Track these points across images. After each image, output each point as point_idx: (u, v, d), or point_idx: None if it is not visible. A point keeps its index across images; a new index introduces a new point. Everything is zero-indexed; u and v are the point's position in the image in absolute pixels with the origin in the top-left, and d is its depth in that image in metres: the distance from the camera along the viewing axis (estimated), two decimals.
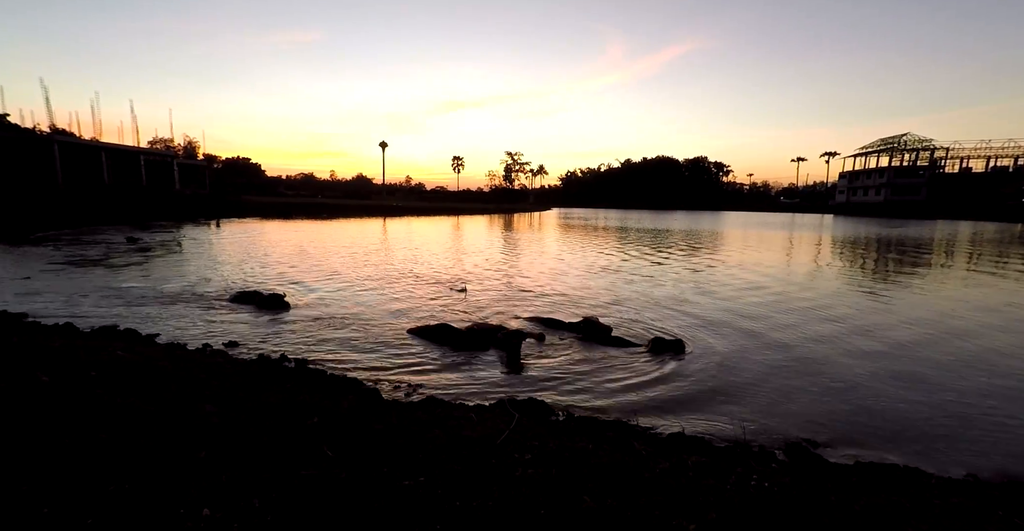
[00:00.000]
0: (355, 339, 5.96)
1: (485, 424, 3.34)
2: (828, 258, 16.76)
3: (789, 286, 10.57)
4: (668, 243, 21.28)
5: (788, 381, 4.89)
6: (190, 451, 2.29)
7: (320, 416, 3.11)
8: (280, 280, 9.78)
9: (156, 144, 68.24)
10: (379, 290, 9.11)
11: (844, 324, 7.24)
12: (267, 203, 44.06)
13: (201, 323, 6.47)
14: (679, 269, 13.04)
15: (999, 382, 4.98)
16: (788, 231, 32.30)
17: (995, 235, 29.77)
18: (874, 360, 5.63)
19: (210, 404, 2.96)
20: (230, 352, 5.33)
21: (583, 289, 9.71)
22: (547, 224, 38.30)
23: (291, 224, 28.82)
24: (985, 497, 2.47)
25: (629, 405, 4.25)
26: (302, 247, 16.29)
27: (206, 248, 15.28)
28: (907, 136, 77.44)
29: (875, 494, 2.44)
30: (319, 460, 2.41)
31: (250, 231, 22.89)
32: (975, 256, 17.75)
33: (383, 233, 24.81)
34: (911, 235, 28.62)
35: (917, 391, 4.73)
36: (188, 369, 3.87)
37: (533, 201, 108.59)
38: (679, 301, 8.65)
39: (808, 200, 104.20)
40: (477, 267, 12.74)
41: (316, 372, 4.70)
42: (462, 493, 2.16)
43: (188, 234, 19.67)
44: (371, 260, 13.44)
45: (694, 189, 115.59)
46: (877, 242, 23.63)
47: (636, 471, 2.56)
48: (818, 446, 3.59)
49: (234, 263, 12.09)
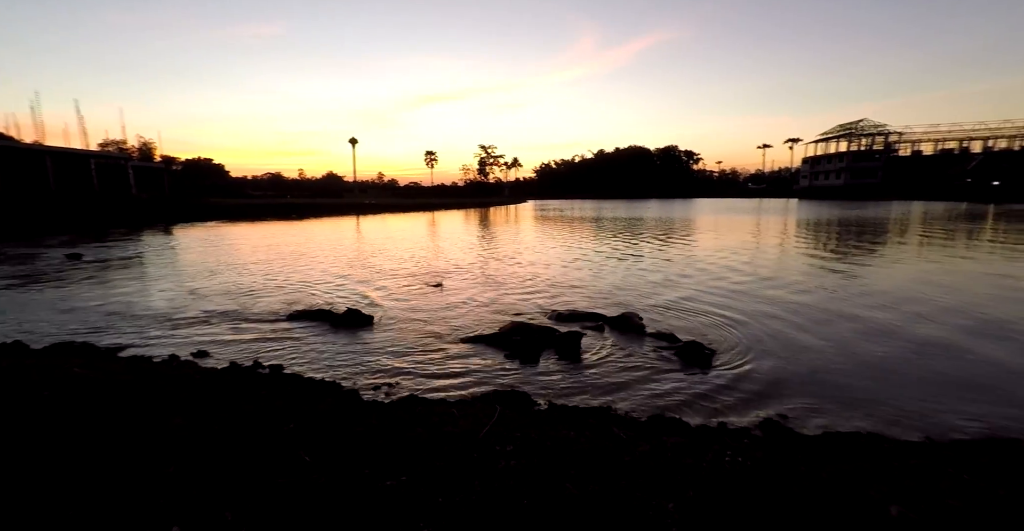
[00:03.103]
0: (329, 341, 5.85)
1: (467, 419, 3.34)
2: (795, 240, 17.39)
3: (760, 268, 10.91)
4: (641, 232, 21.62)
5: (763, 360, 5.06)
6: (158, 466, 2.21)
7: (297, 421, 3.04)
8: (241, 286, 9.48)
9: (107, 147, 64.85)
10: (349, 289, 8.95)
11: (812, 298, 7.54)
12: (233, 205, 42.43)
13: (166, 335, 6.21)
14: (655, 257, 13.28)
15: (955, 351, 5.28)
16: (757, 216, 33.30)
17: (943, 213, 31.51)
18: (840, 332, 5.89)
19: (179, 416, 2.86)
20: (199, 362, 5.15)
21: (559, 280, 9.78)
22: (523, 216, 38.34)
23: (259, 226, 27.93)
24: (938, 457, 2.63)
25: (610, 391, 4.32)
26: (267, 249, 15.83)
27: (165, 257, 14.67)
28: (863, 122, 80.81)
29: (841, 461, 2.56)
30: (296, 467, 2.37)
31: (214, 236, 22.08)
32: (927, 233, 18.76)
33: (356, 231, 24.34)
34: (869, 216, 29.96)
35: (880, 360, 4.98)
36: (154, 382, 3.72)
37: (508, 194, 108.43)
38: (657, 289, 8.82)
39: (774, 186, 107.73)
40: (453, 261, 12.67)
41: (292, 377, 4.60)
42: (445, 489, 2.16)
43: (145, 242, 18.81)
44: (343, 258, 13.18)
45: (666, 178, 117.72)
46: (839, 224, 24.62)
47: (617, 455, 2.61)
48: (789, 419, 3.74)
49: (196, 271, 11.66)
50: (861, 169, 77.46)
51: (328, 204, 50.71)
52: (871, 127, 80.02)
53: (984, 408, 3.89)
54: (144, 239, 19.75)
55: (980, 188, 59.78)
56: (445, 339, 5.89)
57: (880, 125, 79.66)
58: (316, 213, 41.39)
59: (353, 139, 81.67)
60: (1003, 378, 4.52)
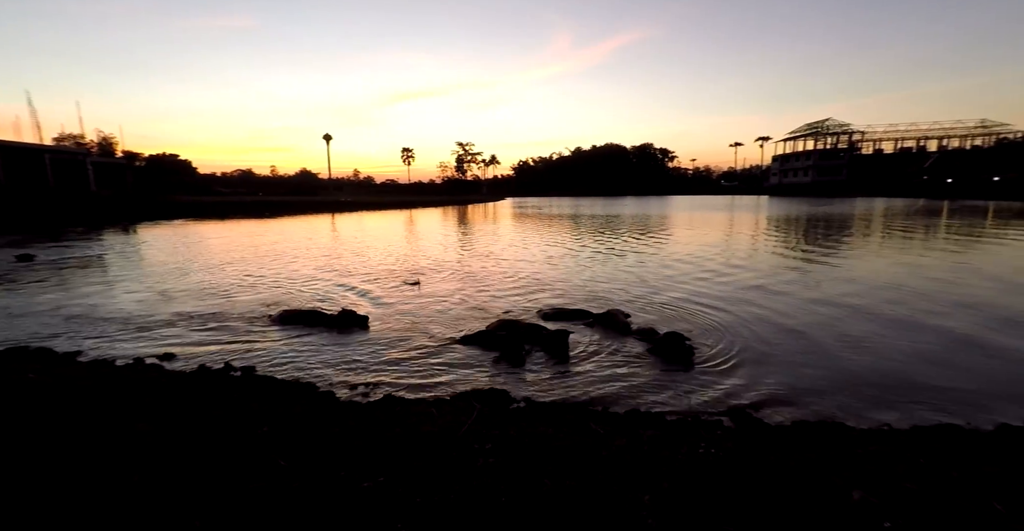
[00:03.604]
0: (305, 342, 5.73)
1: (446, 418, 3.33)
2: (768, 236, 17.92)
3: (736, 263, 11.20)
4: (620, 229, 21.89)
5: (739, 352, 5.19)
6: (121, 475, 2.13)
7: (271, 425, 2.98)
8: (210, 286, 9.19)
9: (64, 141, 61.68)
10: (325, 288, 8.78)
11: (785, 291, 7.79)
12: (200, 203, 40.95)
13: (131, 338, 5.96)
14: (636, 253, 13.47)
15: (914, 338, 5.55)
16: (731, 213, 34.16)
17: (903, 210, 33.01)
18: (810, 324, 6.11)
19: (143, 422, 2.76)
20: (166, 365, 4.97)
21: (542, 277, 9.82)
22: (501, 214, 38.30)
23: (230, 225, 27.07)
24: (897, 442, 2.76)
25: (590, 387, 4.37)
26: (239, 249, 15.38)
27: (129, 257, 14.08)
28: (829, 121, 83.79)
29: (807, 450, 2.66)
30: (270, 471, 2.32)
31: (181, 234, 21.30)
32: (889, 228, 19.61)
33: (332, 229, 23.87)
34: (836, 212, 31.13)
35: (847, 350, 5.19)
36: (117, 387, 3.57)
37: (486, 192, 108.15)
38: (639, 285, 8.95)
39: (746, 183, 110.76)
40: (432, 259, 12.56)
41: (265, 379, 4.49)
42: (423, 489, 2.15)
43: (106, 241, 17.99)
44: (319, 257, 12.91)
45: (642, 175, 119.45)
46: (810, 220, 25.48)
47: (595, 450, 2.65)
48: (759, 409, 3.86)
49: (162, 271, 11.23)
50: (827, 167, 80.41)
51: (302, 202, 49.50)
52: (836, 126, 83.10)
53: (939, 394, 4.10)
54: (105, 238, 18.87)
55: (936, 185, 62.90)
56: (427, 338, 5.84)
57: (844, 124, 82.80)
58: (289, 211, 40.35)
59: (327, 135, 79.95)
60: (958, 364, 4.77)
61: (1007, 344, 5.36)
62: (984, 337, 5.61)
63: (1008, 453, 2.67)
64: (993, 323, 6.14)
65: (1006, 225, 20.02)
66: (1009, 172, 58.78)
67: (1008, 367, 4.73)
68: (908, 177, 70.96)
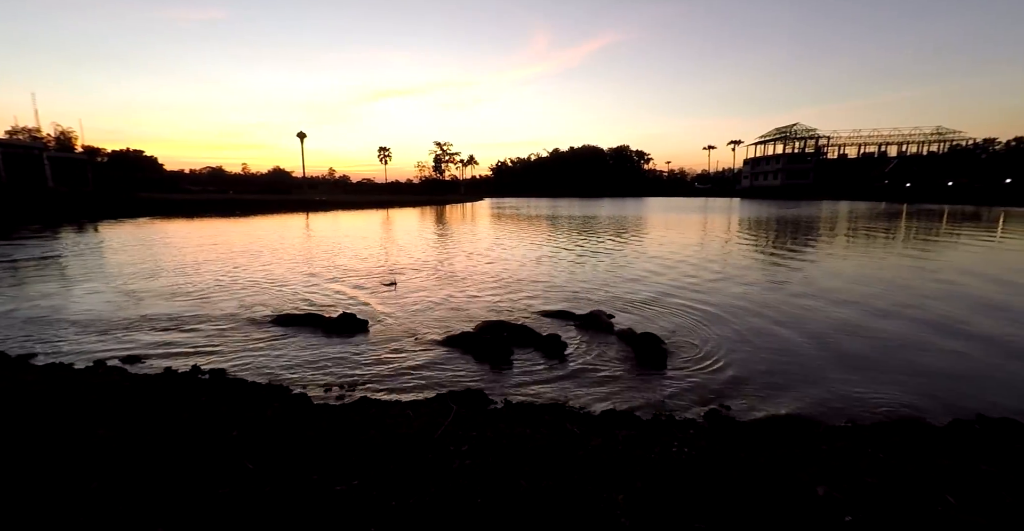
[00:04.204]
0: (279, 344, 5.58)
1: (422, 419, 3.30)
2: (742, 238, 18.42)
3: (711, 263, 11.46)
4: (598, 230, 22.13)
5: (714, 351, 5.31)
6: (79, 483, 2.03)
7: (241, 428, 2.89)
8: (176, 287, 8.86)
9: (17, 134, 58.45)
10: (300, 289, 8.58)
11: (758, 291, 8.02)
12: (167, 201, 39.40)
13: (90, 342, 5.70)
14: (614, 254, 13.63)
15: (877, 336, 5.79)
16: (704, 214, 34.97)
17: (866, 212, 34.48)
18: (783, 322, 6.31)
19: (103, 428, 2.64)
20: (129, 368, 4.77)
21: (524, 278, 9.83)
22: (480, 214, 38.19)
23: (199, 223, 26.15)
24: (860, 439, 2.88)
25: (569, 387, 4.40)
26: (207, 248, 14.88)
27: (88, 256, 13.44)
28: (797, 126, 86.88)
29: (776, 447, 2.75)
30: (239, 475, 2.25)
31: (146, 233, 20.48)
32: (854, 229, 20.46)
33: (307, 229, 23.34)
34: (804, 215, 32.27)
35: (817, 348, 5.39)
36: (75, 391, 3.40)
37: (464, 192, 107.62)
38: (620, 285, 9.06)
39: (719, 185, 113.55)
40: (409, 260, 12.43)
41: (236, 382, 4.35)
42: (398, 492, 2.12)
43: (64, 240, 17.13)
44: (293, 257, 12.61)
45: (619, 177, 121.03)
46: (780, 222, 26.31)
47: (571, 451, 2.67)
48: (731, 408, 3.96)
49: (122, 272, 10.77)
50: (795, 170, 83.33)
51: (275, 200, 48.22)
52: (803, 131, 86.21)
53: (899, 390, 4.30)
54: (62, 237, 17.97)
55: (896, 189, 65.88)
56: (404, 339, 5.77)
57: (811, 129, 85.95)
58: (262, 210, 39.27)
59: (301, 133, 78.19)
60: (919, 361, 5.01)
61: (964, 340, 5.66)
62: (941, 336, 5.91)
63: (959, 447, 2.82)
64: (947, 324, 6.47)
65: (958, 228, 21.13)
66: (961, 177, 62.14)
67: (964, 363, 4.99)
68: (871, 181, 74.13)
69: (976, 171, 64.83)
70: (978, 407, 3.87)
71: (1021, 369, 4.85)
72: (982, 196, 49.08)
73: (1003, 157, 71.63)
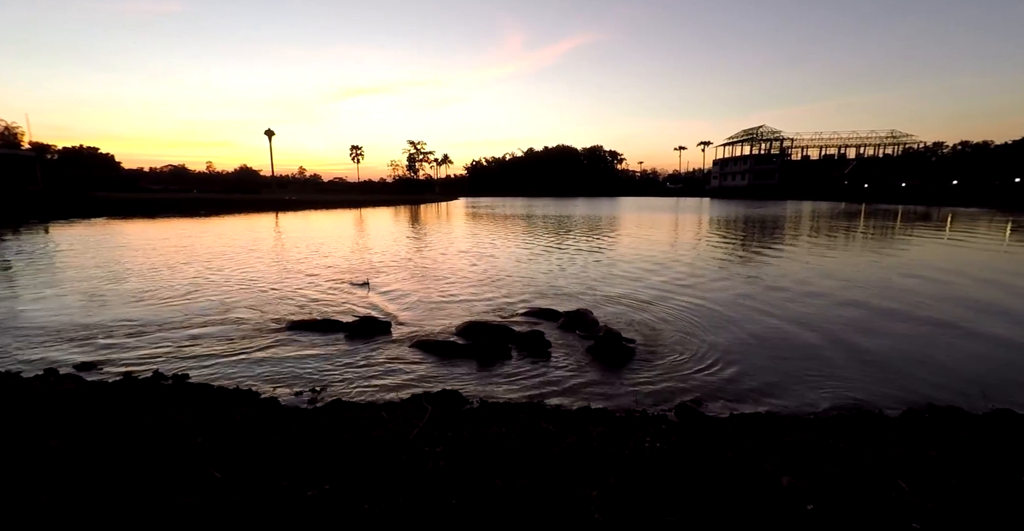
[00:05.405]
0: (247, 347, 5.41)
1: (397, 421, 3.26)
2: (711, 236, 18.94)
3: (683, 261, 11.73)
4: (573, 229, 22.33)
5: (689, 347, 5.43)
6: (28, 497, 1.92)
7: (206, 435, 2.79)
8: (134, 291, 8.49)
9: None
10: (260, 290, 8.34)
11: (729, 288, 8.26)
12: (126, 200, 37.48)
13: (36, 349, 5.38)
14: (592, 253, 13.77)
15: (842, 333, 6.05)
16: (676, 214, 35.81)
17: (827, 212, 36.04)
18: (754, 318, 6.51)
19: (56, 439, 2.50)
20: (85, 376, 4.52)
21: (507, 277, 9.82)
22: (454, 214, 37.98)
23: (160, 224, 25.03)
24: (822, 430, 3.01)
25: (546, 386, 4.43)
26: (171, 251, 14.29)
27: (35, 259, 12.70)
28: (763, 128, 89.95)
29: (744, 440, 2.84)
30: (205, 484, 2.17)
31: (101, 235, 19.48)
32: (816, 230, 21.35)
33: (276, 230, 22.68)
34: (770, 214, 33.47)
35: (783, 343, 5.58)
36: (23, 402, 3.21)
37: (439, 191, 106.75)
38: (600, 283, 9.16)
39: (689, 185, 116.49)
40: (383, 258, 12.25)
41: (201, 387, 4.20)
42: (371, 495, 2.09)
43: (8, 242, 16.11)
44: (262, 258, 12.23)
45: (593, 177, 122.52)
46: (749, 221, 27.18)
47: (546, 448, 2.69)
48: (701, 404, 4.06)
49: (73, 276, 10.23)
50: (762, 171, 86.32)
51: (242, 200, 46.55)
52: (768, 133, 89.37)
53: (857, 381, 4.51)
54: (7, 239, 16.90)
55: (855, 189, 69.07)
56: (380, 341, 5.67)
57: (776, 131, 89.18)
58: (228, 210, 37.85)
59: (269, 130, 75.79)
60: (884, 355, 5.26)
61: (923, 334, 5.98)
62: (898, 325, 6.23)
63: (912, 435, 2.98)
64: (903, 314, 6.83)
65: (911, 228, 22.32)
66: (914, 179, 65.66)
67: (920, 351, 5.27)
68: (832, 182, 77.48)
69: (927, 173, 68.65)
70: (930, 394, 4.11)
71: (968, 355, 5.19)
72: (932, 197, 52.04)
73: (950, 160, 76.18)
